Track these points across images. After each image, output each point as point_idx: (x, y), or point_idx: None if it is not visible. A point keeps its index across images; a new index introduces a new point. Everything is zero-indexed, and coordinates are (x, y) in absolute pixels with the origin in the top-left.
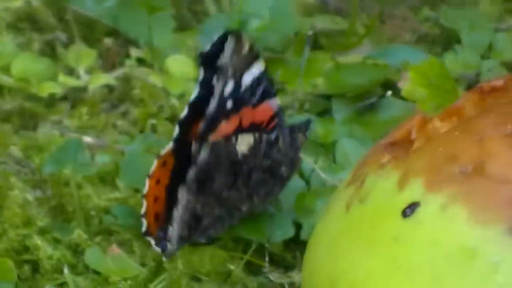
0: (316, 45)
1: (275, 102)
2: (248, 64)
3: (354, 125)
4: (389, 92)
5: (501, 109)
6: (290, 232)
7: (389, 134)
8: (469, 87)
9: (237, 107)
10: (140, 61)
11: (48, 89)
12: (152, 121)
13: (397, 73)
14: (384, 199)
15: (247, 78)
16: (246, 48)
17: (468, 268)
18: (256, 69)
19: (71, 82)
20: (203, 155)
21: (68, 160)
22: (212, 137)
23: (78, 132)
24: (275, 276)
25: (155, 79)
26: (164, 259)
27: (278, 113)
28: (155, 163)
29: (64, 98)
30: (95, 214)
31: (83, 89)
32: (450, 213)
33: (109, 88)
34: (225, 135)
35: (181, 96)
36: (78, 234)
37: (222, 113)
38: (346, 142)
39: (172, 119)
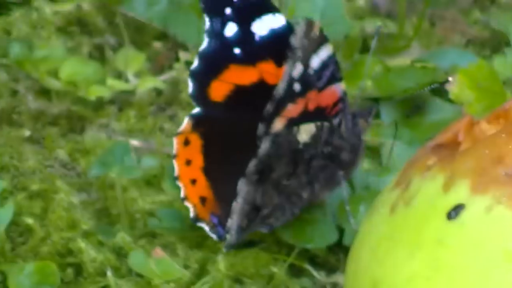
0: (365, 48)
1: (341, 87)
2: (316, 47)
3: (402, 128)
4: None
5: None
6: (334, 237)
7: (436, 137)
8: None
9: (304, 90)
10: (189, 65)
11: (96, 92)
12: None
13: (446, 76)
14: (429, 201)
15: (315, 61)
16: (316, 31)
17: None
18: (324, 52)
19: (120, 85)
20: (264, 146)
21: (114, 163)
22: (277, 123)
23: (125, 135)
24: (318, 278)
25: None
26: (224, 250)
27: (342, 98)
28: (175, 142)
29: (112, 101)
30: (140, 217)
31: (131, 92)
32: (494, 215)
33: (157, 92)
34: (290, 119)
35: None
36: (122, 237)
37: (289, 96)
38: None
39: None
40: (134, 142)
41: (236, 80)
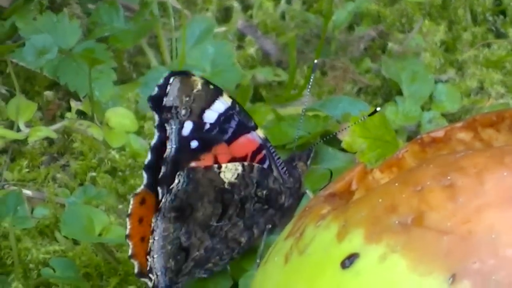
0: (257, 97)
1: (257, 135)
2: (207, 102)
3: None
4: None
5: (441, 160)
6: (227, 285)
7: (329, 186)
8: (410, 138)
9: (206, 146)
10: (81, 114)
11: None
12: (92, 174)
13: (338, 125)
14: (324, 250)
15: (210, 116)
16: (197, 86)
17: None
18: (220, 105)
19: (11, 135)
20: (178, 182)
21: (7, 213)
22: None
23: (17, 185)
24: None
25: (95, 132)
26: None
27: (264, 144)
28: (132, 200)
29: (3, 151)
30: (34, 267)
31: (23, 142)
32: (389, 263)
33: (49, 141)
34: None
35: (121, 149)
36: (16, 287)
37: (186, 155)
38: None
39: (111, 172)
40: (27, 192)
41: None
